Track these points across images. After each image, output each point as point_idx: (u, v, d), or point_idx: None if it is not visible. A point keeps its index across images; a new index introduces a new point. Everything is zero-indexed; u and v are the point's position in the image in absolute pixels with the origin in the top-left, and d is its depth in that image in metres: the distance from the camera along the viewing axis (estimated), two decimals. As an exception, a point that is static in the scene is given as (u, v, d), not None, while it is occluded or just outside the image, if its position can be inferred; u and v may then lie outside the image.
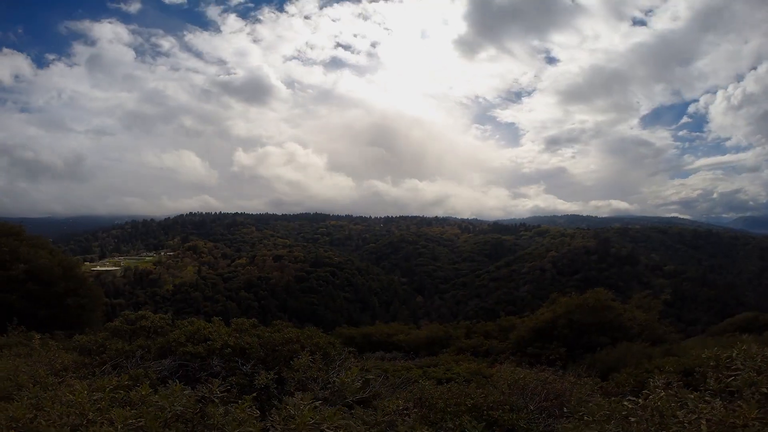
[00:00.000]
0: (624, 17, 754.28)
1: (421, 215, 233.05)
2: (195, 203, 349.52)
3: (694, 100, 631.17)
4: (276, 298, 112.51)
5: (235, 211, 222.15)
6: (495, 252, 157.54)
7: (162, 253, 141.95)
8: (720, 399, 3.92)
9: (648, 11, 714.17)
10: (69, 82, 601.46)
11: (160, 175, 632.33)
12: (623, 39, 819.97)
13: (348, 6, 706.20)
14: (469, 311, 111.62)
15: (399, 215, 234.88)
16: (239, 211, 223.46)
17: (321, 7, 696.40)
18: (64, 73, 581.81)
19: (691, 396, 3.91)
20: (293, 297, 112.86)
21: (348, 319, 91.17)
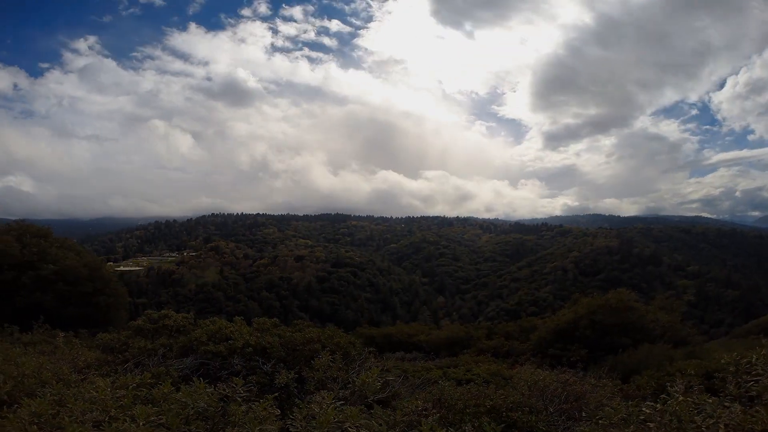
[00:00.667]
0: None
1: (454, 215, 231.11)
2: (202, 204, 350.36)
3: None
4: (297, 298, 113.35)
5: (257, 212, 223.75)
6: (516, 252, 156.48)
7: (184, 254, 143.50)
8: (739, 404, 3.89)
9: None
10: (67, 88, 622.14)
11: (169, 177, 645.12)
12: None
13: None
14: (491, 312, 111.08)
15: (421, 215, 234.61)
16: (261, 212, 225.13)
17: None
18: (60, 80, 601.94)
19: (710, 401, 3.88)
20: (314, 297, 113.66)
21: (369, 319, 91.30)
